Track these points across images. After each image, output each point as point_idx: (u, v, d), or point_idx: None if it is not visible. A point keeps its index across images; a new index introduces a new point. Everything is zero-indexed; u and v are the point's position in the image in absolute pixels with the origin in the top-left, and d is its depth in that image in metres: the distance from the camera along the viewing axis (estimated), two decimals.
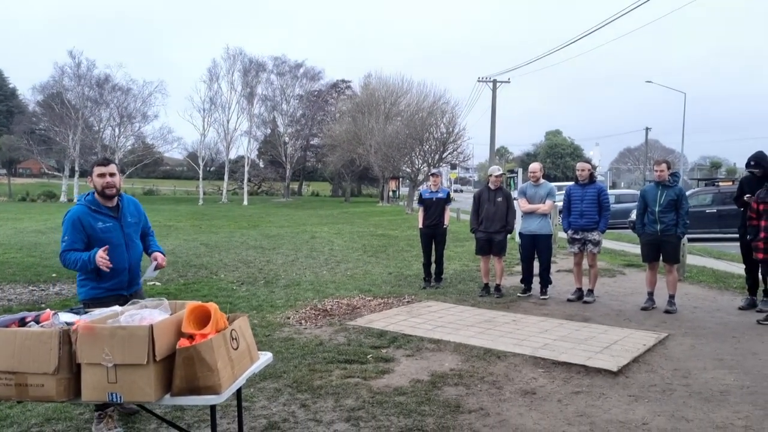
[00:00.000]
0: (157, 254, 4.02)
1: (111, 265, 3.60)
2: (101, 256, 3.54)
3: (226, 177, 47.68)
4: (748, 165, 7.09)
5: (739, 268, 8.04)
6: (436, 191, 8.87)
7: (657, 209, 7.00)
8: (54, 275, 9.69)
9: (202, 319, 2.73)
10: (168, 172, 74.96)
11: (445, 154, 34.32)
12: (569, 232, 7.78)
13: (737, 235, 7.35)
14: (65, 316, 2.70)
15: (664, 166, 7.09)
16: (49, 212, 28.31)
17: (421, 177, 35.81)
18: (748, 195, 6.97)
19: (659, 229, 6.99)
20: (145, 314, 2.61)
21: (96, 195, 3.77)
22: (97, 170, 3.71)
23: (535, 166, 8.11)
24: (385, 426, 3.75)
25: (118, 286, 3.83)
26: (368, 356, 5.20)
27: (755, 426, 3.71)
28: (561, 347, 5.40)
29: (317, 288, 8.55)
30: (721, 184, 18.31)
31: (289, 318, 6.69)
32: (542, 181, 8.04)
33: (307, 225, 21.57)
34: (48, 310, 2.79)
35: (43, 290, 8.50)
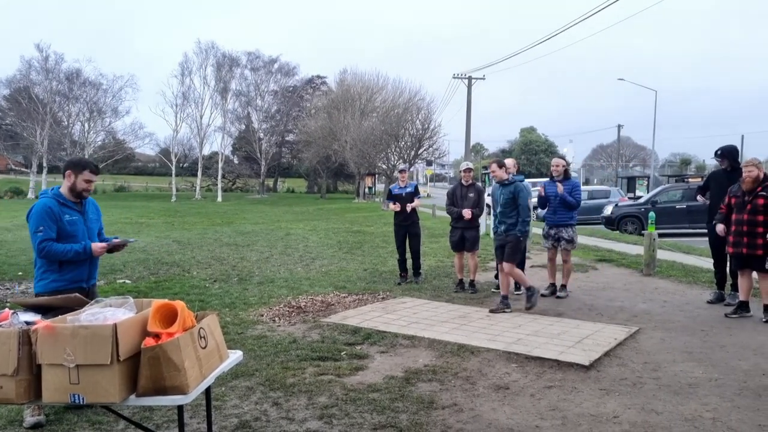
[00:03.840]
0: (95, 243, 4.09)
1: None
2: (101, 246, 3.97)
3: (199, 173, 47.09)
4: (715, 154, 7.21)
5: (708, 263, 8.19)
6: (405, 186, 8.96)
7: (498, 210, 6.94)
8: (20, 273, 9.44)
9: (169, 317, 2.66)
10: (140, 169, 73.61)
11: (420, 150, 34.45)
12: (545, 227, 7.85)
13: (706, 230, 7.48)
14: (25, 316, 2.61)
15: (494, 166, 6.91)
16: (16, 209, 27.57)
17: (397, 173, 35.85)
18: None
19: (503, 230, 6.84)
20: (108, 313, 2.53)
21: (65, 191, 3.94)
22: (88, 176, 3.94)
23: (508, 162, 8.13)
24: (358, 423, 3.72)
25: (79, 278, 3.99)
26: (342, 353, 5.17)
27: (723, 418, 3.77)
28: (534, 342, 5.44)
29: (291, 285, 8.48)
30: (690, 180, 18.70)
31: (262, 315, 6.62)
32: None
33: (281, 222, 21.41)
34: (7, 309, 2.69)
35: (8, 288, 8.28)
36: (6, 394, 2.41)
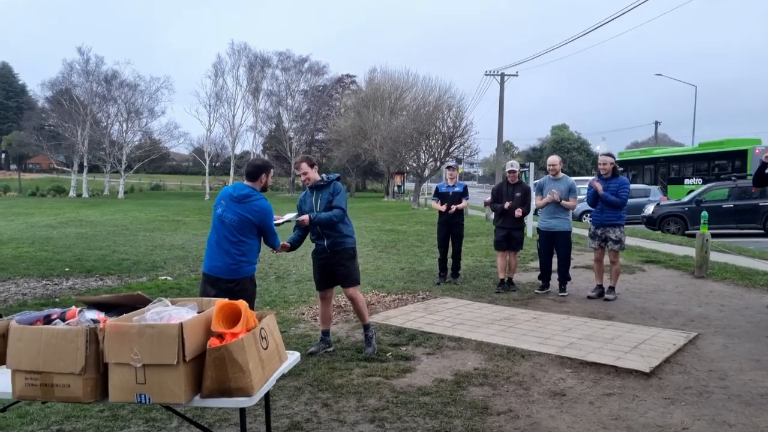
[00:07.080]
0: None
1: None
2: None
3: (231, 172, 47.71)
4: None
5: (765, 265, 7.82)
6: (453, 185, 8.73)
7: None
8: (67, 269, 9.60)
9: (232, 317, 2.59)
10: (174, 168, 75.03)
11: (451, 149, 34.07)
12: (591, 227, 7.63)
13: (759, 231, 7.11)
14: (90, 314, 2.57)
15: (304, 166, 5.25)
16: (59, 207, 28.30)
17: (427, 172, 35.60)
18: None
19: (327, 245, 5.42)
20: (173, 312, 2.47)
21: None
22: (271, 172, 4.69)
23: (554, 159, 7.93)
24: (411, 428, 3.62)
25: None
26: (388, 354, 5.07)
27: None
28: (587, 346, 5.24)
29: None
30: (737, 178, 18.02)
31: (303, 314, 6.58)
32: (561, 174, 7.87)
33: None
34: (74, 307, 2.66)
35: (56, 284, 8.41)
36: (74, 392, 2.37)
